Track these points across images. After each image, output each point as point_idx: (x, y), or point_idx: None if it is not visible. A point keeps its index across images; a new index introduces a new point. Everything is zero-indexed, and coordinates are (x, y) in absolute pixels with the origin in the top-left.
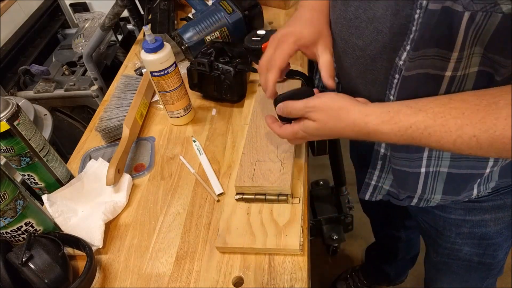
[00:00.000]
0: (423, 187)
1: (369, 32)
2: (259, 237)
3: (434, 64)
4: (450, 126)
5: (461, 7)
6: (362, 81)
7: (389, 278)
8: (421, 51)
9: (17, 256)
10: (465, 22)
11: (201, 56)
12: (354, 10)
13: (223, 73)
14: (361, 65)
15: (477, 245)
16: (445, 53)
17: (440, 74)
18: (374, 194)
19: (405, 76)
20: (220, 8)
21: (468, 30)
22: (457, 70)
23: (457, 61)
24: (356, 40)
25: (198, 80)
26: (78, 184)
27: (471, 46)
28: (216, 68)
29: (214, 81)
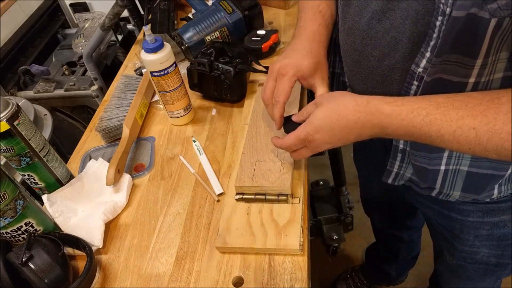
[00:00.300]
0: (442, 183)
1: (386, 42)
2: (259, 237)
3: (457, 70)
4: (451, 116)
5: (487, 14)
6: (380, 91)
7: (390, 278)
8: (443, 56)
9: (17, 256)
10: (491, 29)
11: (201, 56)
12: (368, 20)
13: (223, 73)
14: (378, 75)
15: (495, 246)
16: (468, 60)
17: (463, 81)
18: (397, 179)
19: (426, 81)
20: (220, 8)
21: (494, 37)
22: (481, 76)
23: (481, 67)
24: (371, 51)
25: (198, 80)
26: (78, 184)
27: (496, 52)
28: (216, 68)
29: (214, 81)
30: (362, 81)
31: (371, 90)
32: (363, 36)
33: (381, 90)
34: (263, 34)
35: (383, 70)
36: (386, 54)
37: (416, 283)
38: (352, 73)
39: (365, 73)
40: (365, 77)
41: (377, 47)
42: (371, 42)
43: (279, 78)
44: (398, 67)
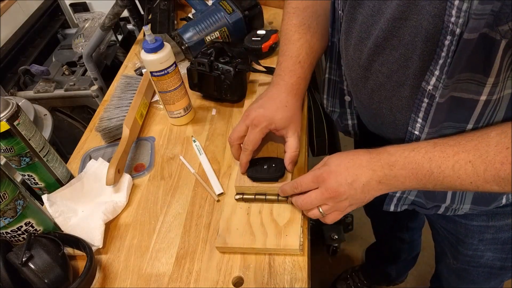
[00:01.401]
0: (452, 198)
1: (394, 59)
2: (259, 237)
3: (469, 88)
4: (448, 152)
5: (498, 36)
6: (387, 106)
7: (390, 278)
8: (456, 77)
9: (17, 256)
10: (502, 49)
11: (201, 56)
12: (375, 38)
13: (223, 73)
14: (386, 91)
15: (500, 250)
16: (480, 78)
17: (475, 98)
18: (399, 205)
19: (439, 103)
20: (220, 8)
21: (504, 56)
22: (493, 94)
23: (493, 85)
24: (379, 67)
25: (198, 80)
26: (78, 184)
27: (507, 71)
28: (216, 68)
29: (214, 81)
30: (368, 95)
31: (378, 103)
32: (369, 53)
33: (388, 105)
34: (263, 34)
35: (392, 86)
36: (395, 71)
37: (416, 283)
38: (357, 87)
39: (371, 88)
40: (371, 92)
41: (385, 64)
42: (378, 59)
43: (252, 128)
44: (408, 84)
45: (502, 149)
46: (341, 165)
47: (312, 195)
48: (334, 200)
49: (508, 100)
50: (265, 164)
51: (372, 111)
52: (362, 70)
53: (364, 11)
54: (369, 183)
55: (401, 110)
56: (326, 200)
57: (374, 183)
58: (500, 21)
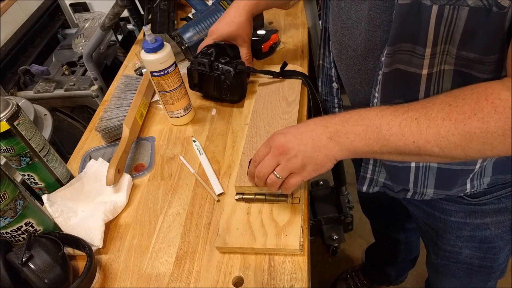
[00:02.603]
0: (415, 181)
1: (359, 32)
2: (259, 237)
3: (410, 60)
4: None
5: (428, 1)
6: (358, 80)
7: (390, 278)
8: (396, 45)
9: (17, 256)
10: (434, 16)
11: (201, 56)
12: (346, 11)
13: (223, 74)
14: (355, 65)
15: (477, 248)
16: (419, 49)
17: (417, 72)
18: (371, 186)
19: (385, 72)
20: (220, 8)
21: (438, 25)
22: (433, 67)
23: (431, 57)
24: (348, 41)
25: (198, 80)
26: (78, 184)
27: (444, 43)
28: (216, 68)
29: (214, 81)
30: (344, 70)
31: (352, 79)
32: (342, 26)
33: (358, 79)
34: (263, 34)
35: (358, 60)
36: (359, 44)
37: (416, 283)
38: (337, 63)
39: (345, 62)
40: (346, 66)
41: (352, 37)
42: (348, 33)
43: (207, 37)
44: (371, 55)
45: (445, 106)
46: (291, 128)
47: (265, 159)
48: (284, 157)
49: (451, 77)
50: None
51: (350, 87)
52: (338, 45)
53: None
54: (320, 138)
55: (369, 84)
56: (277, 159)
57: (324, 139)
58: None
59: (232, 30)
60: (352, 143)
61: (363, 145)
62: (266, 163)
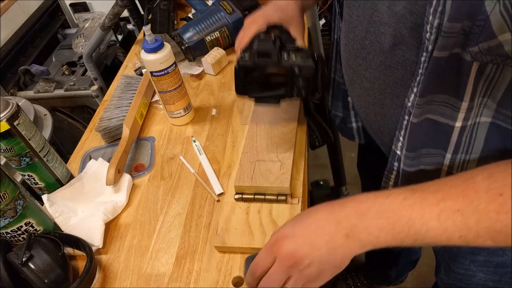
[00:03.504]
0: None
1: (376, 65)
2: (257, 237)
3: (443, 111)
4: (430, 199)
5: (469, 57)
6: (372, 112)
7: (390, 278)
8: (428, 97)
9: (17, 256)
10: (474, 72)
11: (261, 43)
12: (361, 40)
13: (298, 64)
14: (369, 96)
15: (492, 272)
16: (454, 101)
17: (450, 124)
18: None
19: (413, 122)
20: (220, 8)
21: (478, 81)
22: (468, 120)
23: (468, 110)
24: (364, 72)
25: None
26: (78, 184)
27: (483, 96)
28: (286, 58)
29: (283, 76)
30: (357, 98)
31: (365, 108)
32: (356, 55)
33: (373, 111)
34: None
35: (374, 93)
36: (377, 77)
37: (416, 283)
38: (349, 88)
39: (358, 92)
40: (358, 95)
41: (369, 69)
42: (363, 63)
43: (250, 25)
44: (389, 92)
45: (495, 196)
46: (295, 228)
47: (271, 272)
48: (296, 268)
49: (485, 130)
50: None
51: (363, 115)
52: (351, 72)
53: (355, 11)
54: (334, 239)
55: (384, 119)
56: (288, 271)
57: (340, 238)
58: (471, 42)
59: (285, 16)
60: (376, 238)
61: (391, 240)
62: (274, 278)
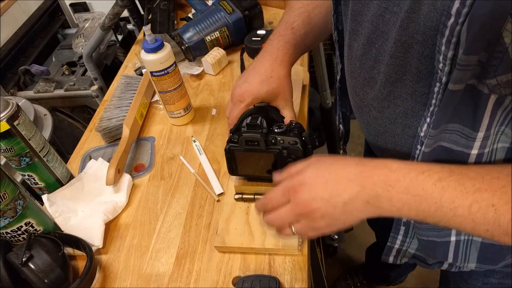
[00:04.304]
0: (455, 255)
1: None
2: (257, 237)
3: (457, 140)
4: (466, 186)
5: (486, 89)
6: (382, 140)
7: (389, 279)
8: (442, 127)
9: (17, 256)
10: (491, 104)
11: (249, 131)
12: (369, 69)
13: (286, 148)
14: (379, 126)
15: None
16: (469, 132)
17: (465, 151)
18: (399, 257)
19: (425, 152)
20: (220, 8)
21: (495, 112)
22: (484, 148)
23: (484, 139)
24: (371, 101)
25: (245, 161)
26: (78, 184)
27: (500, 125)
28: (274, 142)
29: (272, 159)
30: (365, 125)
31: (374, 136)
32: (364, 83)
33: (383, 139)
34: (263, 34)
35: (383, 121)
36: (386, 107)
37: (416, 283)
38: (356, 114)
39: (366, 120)
40: (367, 123)
41: (377, 99)
42: (371, 92)
43: (237, 104)
44: (399, 122)
45: None
46: (318, 178)
47: (282, 211)
48: (307, 217)
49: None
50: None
51: (372, 142)
52: (358, 100)
53: (359, 40)
54: (354, 201)
55: (395, 147)
56: (298, 217)
57: (360, 203)
58: (488, 74)
59: (272, 89)
60: (398, 211)
61: (413, 215)
62: (283, 216)
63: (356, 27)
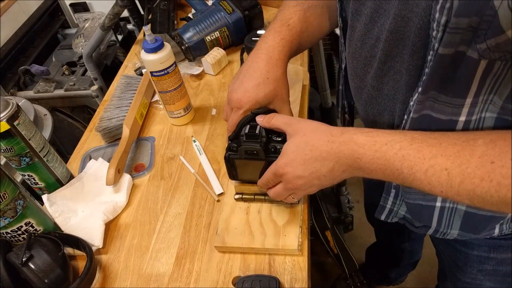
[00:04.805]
0: (439, 221)
1: (383, 72)
2: (257, 237)
3: (445, 110)
4: (424, 153)
5: (476, 54)
6: (379, 120)
7: (389, 279)
8: (430, 93)
9: (17, 256)
10: (481, 70)
11: (248, 141)
12: (370, 48)
13: None
14: (378, 104)
15: (500, 281)
16: (456, 101)
17: (453, 119)
18: (390, 216)
19: (413, 118)
20: (220, 8)
21: (485, 79)
22: (472, 115)
23: (472, 106)
24: (371, 80)
25: (244, 168)
26: (78, 184)
27: (489, 93)
28: (273, 150)
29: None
30: (364, 107)
31: (372, 118)
32: (364, 63)
33: (381, 120)
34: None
35: (383, 100)
36: (385, 84)
37: (416, 283)
38: (355, 97)
39: (365, 100)
40: (366, 104)
41: (376, 77)
42: (371, 70)
43: (235, 110)
44: (398, 98)
45: (486, 163)
46: (297, 158)
47: (278, 189)
48: (299, 189)
49: (492, 123)
50: None
51: (368, 124)
52: (358, 80)
53: (362, 20)
54: (332, 172)
55: (393, 127)
56: (292, 191)
57: (337, 173)
58: (478, 38)
59: (269, 91)
60: (369, 175)
61: (381, 178)
62: (280, 192)
63: (358, 7)
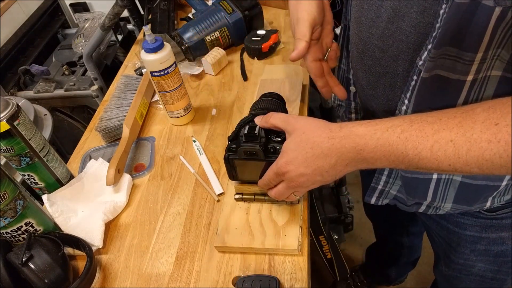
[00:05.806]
0: (434, 194)
1: (390, 32)
2: (257, 237)
3: (455, 66)
4: (426, 131)
5: (491, 2)
6: (381, 84)
7: (390, 278)
8: (443, 48)
9: (17, 256)
10: (494, 19)
11: (247, 141)
12: (376, 9)
13: None
14: (381, 67)
15: (492, 262)
16: (468, 55)
17: (461, 78)
18: (380, 198)
19: (424, 78)
20: (220, 8)
21: (496, 29)
22: (479, 73)
23: (480, 62)
24: (376, 41)
25: (244, 168)
26: (78, 184)
27: (497, 47)
28: (273, 151)
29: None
30: (365, 73)
31: (374, 83)
32: (370, 25)
33: (382, 83)
34: (263, 34)
35: (386, 62)
36: (390, 45)
37: (416, 283)
38: (357, 65)
39: (368, 64)
40: (368, 69)
41: (382, 37)
42: (376, 32)
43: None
44: (402, 58)
45: (490, 125)
46: (298, 156)
47: (280, 188)
48: (301, 186)
49: (495, 83)
50: None
51: (370, 91)
52: (362, 45)
53: None
54: (334, 168)
55: (394, 89)
56: (294, 189)
57: (340, 168)
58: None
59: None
60: (373, 164)
61: (386, 164)
62: (282, 191)
63: None
